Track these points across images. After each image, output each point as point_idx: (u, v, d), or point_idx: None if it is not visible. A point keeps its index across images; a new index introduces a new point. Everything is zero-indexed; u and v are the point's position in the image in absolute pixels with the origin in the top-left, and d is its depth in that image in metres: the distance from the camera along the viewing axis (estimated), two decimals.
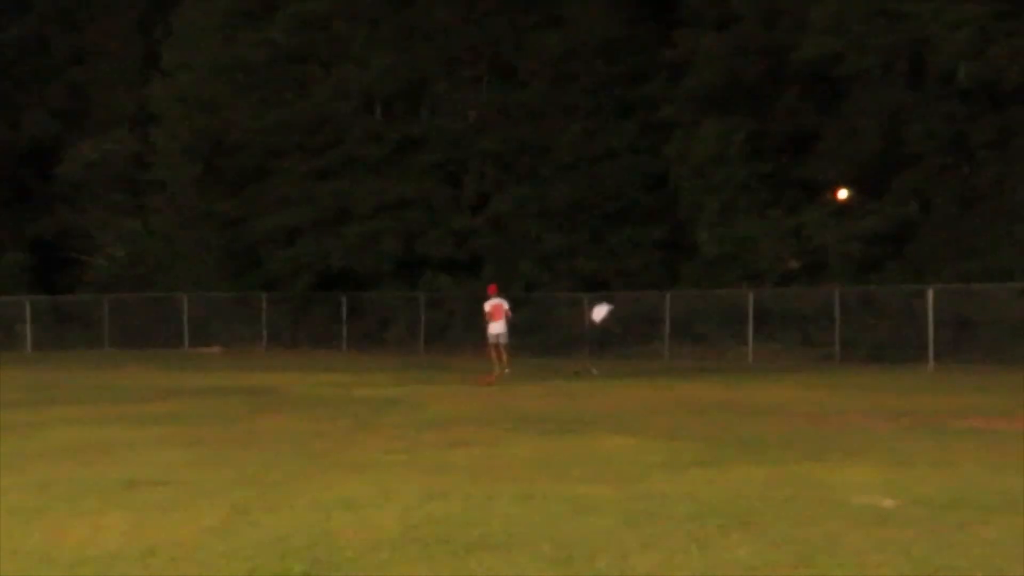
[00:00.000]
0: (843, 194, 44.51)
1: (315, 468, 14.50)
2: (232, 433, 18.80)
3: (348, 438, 17.81)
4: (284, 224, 50.54)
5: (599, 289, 46.25)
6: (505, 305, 33.17)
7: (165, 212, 54.98)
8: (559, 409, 23.14)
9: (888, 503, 12.22)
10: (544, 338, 45.21)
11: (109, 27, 61.51)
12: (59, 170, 58.30)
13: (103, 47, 61.29)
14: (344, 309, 49.10)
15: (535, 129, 49.06)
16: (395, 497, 12.65)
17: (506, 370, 32.49)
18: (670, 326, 43.29)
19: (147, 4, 61.67)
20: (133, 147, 57.19)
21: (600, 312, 36.51)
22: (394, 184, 49.64)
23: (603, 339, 37.50)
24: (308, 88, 51.25)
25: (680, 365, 38.87)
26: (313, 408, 22.89)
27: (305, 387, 29.11)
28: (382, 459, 15.63)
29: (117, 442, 17.67)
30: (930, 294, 37.67)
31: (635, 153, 48.42)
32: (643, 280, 46.80)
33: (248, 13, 53.09)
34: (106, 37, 61.34)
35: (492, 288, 33.99)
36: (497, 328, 32.90)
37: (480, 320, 34.35)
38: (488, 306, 33.22)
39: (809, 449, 16.46)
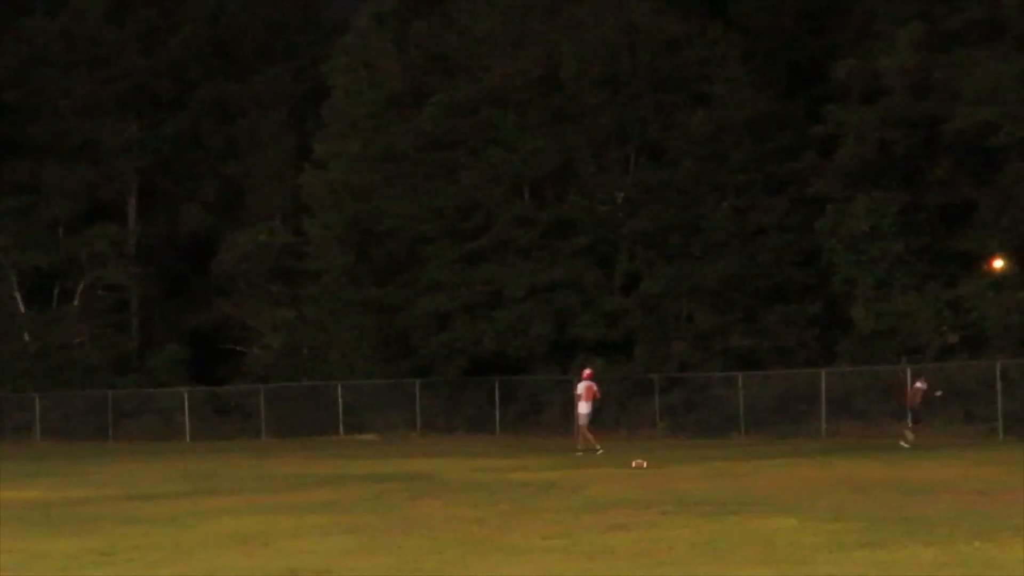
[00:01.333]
0: (999, 264, 43.70)
1: (474, 554, 14.43)
2: (390, 520, 18.81)
3: (506, 523, 17.70)
4: (436, 309, 50.78)
5: (754, 367, 45.79)
6: (595, 387, 36.11)
7: (319, 301, 55.60)
8: (717, 490, 22.83)
9: None
10: (699, 418, 44.83)
11: (261, 120, 62.65)
12: (215, 262, 59.31)
13: (256, 140, 62.42)
14: (497, 393, 49.14)
15: (684, 208, 48.86)
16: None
17: (579, 452, 35.36)
18: (827, 403, 42.65)
19: (298, 96, 62.80)
20: (287, 238, 58.05)
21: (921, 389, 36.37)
22: (545, 267, 49.72)
23: (921, 413, 36.81)
24: (457, 174, 51.65)
25: (839, 443, 38.22)
26: (470, 493, 22.83)
27: (461, 472, 29.08)
28: (541, 544, 15.51)
29: (277, 531, 17.76)
30: None
31: (787, 230, 48.00)
32: (798, 357, 46.25)
33: (397, 102, 53.77)
34: (259, 130, 62.47)
35: (588, 372, 37.45)
36: (585, 408, 36.12)
37: (571, 402, 38.02)
38: (581, 387, 35.95)
39: (978, 527, 16.02)
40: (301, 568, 14.04)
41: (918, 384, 36.33)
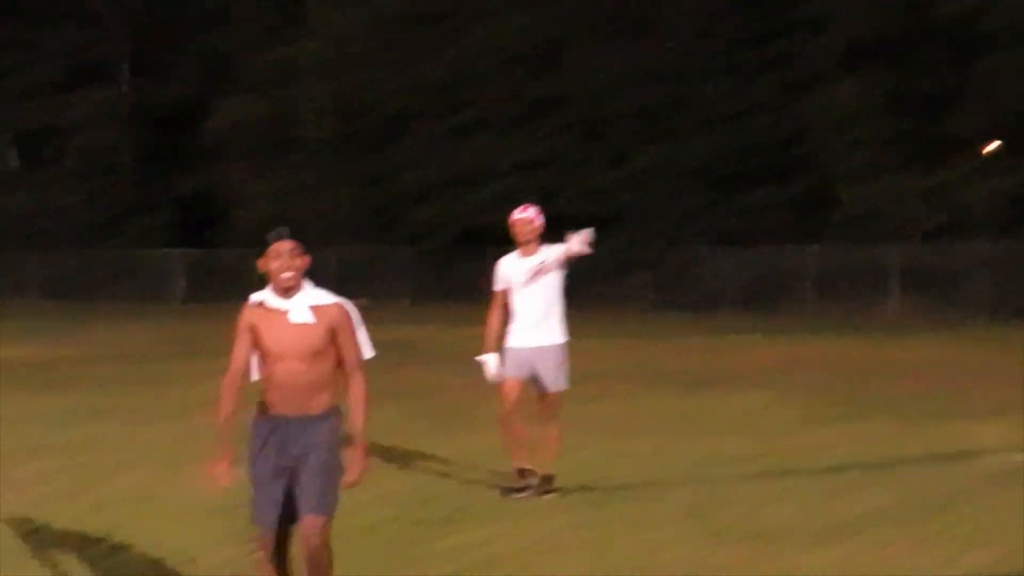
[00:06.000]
0: (991, 147, 43.88)
1: (457, 421, 14.85)
2: (377, 386, 19.11)
3: (489, 391, 18.08)
4: (422, 183, 50.90)
5: (738, 245, 46.05)
6: None
7: (307, 169, 55.66)
8: (698, 364, 23.28)
9: (1021, 458, 12.27)
10: (684, 294, 45.19)
11: None
12: (204, 128, 59.24)
13: (246, 6, 62.03)
14: (488, 263, 49.30)
15: (673, 86, 48.82)
16: (533, 450, 12.95)
17: None
18: (813, 282, 43.05)
19: None
20: (276, 106, 57.93)
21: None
22: (531, 142, 49.78)
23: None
24: (446, 47, 51.49)
25: (822, 322, 38.66)
26: (456, 362, 23.23)
27: (448, 341, 29.44)
28: (520, 413, 15.91)
29: None
30: None
31: (774, 109, 48.04)
32: (784, 236, 46.49)
33: None
34: None
35: None
36: None
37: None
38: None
39: (949, 406, 16.46)
40: None
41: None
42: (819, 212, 46.24)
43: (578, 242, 11.12)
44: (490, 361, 11.46)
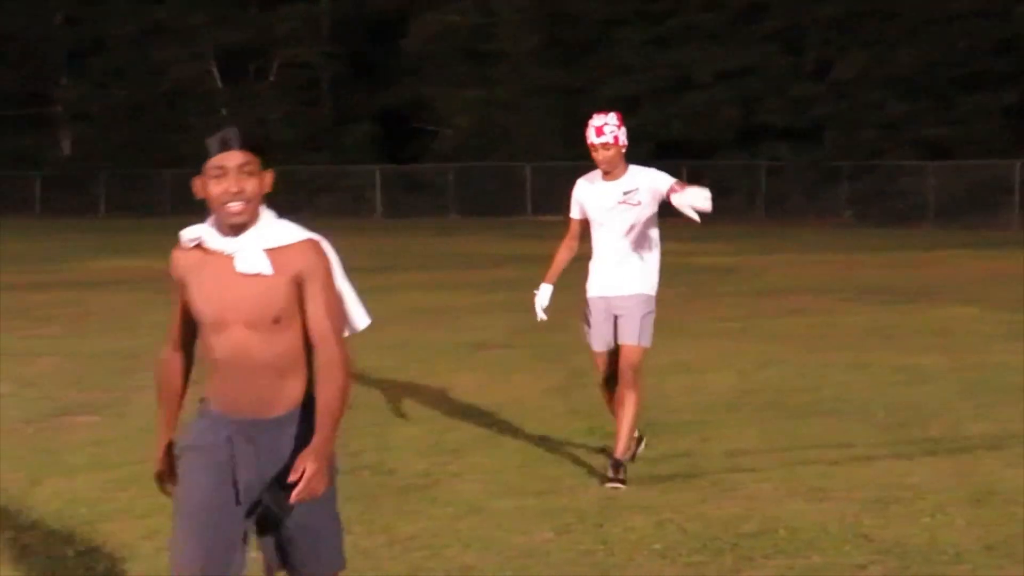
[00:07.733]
0: None
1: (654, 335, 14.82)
2: (573, 299, 19.26)
3: (685, 306, 18.05)
4: (623, 93, 50.73)
5: (945, 157, 45.11)
6: None
7: (508, 82, 55.82)
8: (899, 279, 22.96)
9: None
10: (887, 207, 44.45)
11: None
12: (404, 42, 59.64)
13: None
14: (685, 177, 49.04)
15: None
16: (730, 363, 12.93)
17: None
18: (1020, 195, 42.01)
19: None
20: (476, 18, 58.08)
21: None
22: (734, 52, 49.29)
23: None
24: None
25: None
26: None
27: None
28: (718, 327, 15.90)
29: (465, 307, 18.41)
30: None
31: (984, 16, 46.78)
32: (992, 147, 45.38)
33: None
34: None
35: None
36: None
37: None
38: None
39: None
40: (486, 342, 14.66)
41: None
42: None
43: (690, 199, 8.01)
44: (541, 292, 9.35)
